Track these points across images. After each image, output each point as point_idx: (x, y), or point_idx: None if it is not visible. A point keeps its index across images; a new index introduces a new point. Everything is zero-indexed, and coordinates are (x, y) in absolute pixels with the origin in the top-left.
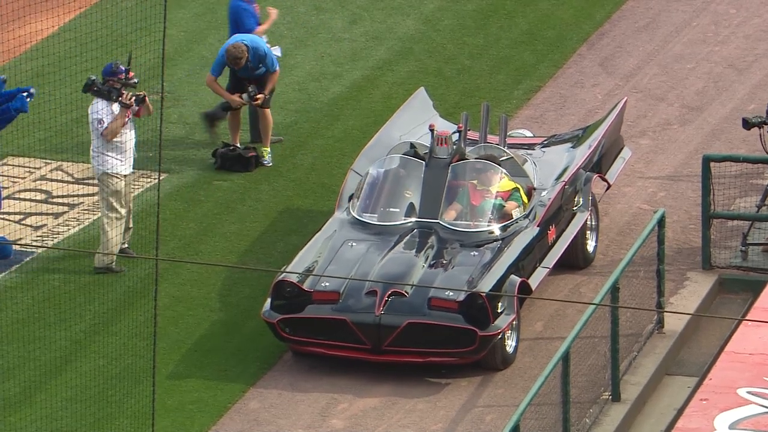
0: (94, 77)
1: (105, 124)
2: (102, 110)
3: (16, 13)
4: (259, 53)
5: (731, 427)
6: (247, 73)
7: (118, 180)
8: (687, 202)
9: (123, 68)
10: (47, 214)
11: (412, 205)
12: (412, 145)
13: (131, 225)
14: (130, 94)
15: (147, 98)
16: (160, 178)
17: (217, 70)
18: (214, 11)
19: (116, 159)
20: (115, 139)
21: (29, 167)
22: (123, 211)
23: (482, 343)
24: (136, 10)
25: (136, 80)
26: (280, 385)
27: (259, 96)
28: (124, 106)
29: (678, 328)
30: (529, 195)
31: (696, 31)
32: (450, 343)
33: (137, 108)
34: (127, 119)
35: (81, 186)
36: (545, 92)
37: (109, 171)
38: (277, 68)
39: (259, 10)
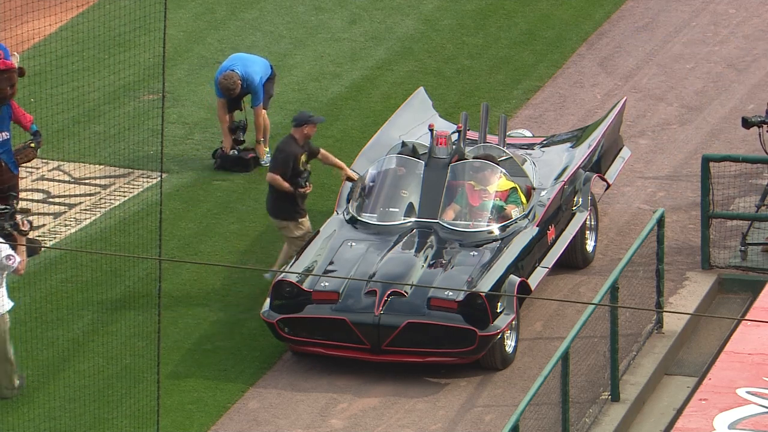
0: None
1: (17, 258)
2: (5, 246)
3: (15, 11)
4: (248, 80)
5: (731, 427)
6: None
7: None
8: (686, 202)
9: None
10: (46, 214)
11: (411, 205)
12: (404, 144)
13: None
14: (24, 219)
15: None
16: (162, 177)
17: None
18: (213, 11)
19: (6, 294)
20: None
21: (28, 167)
22: None
23: (482, 342)
24: (135, 9)
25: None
26: (280, 385)
27: (251, 156)
28: (23, 233)
29: (677, 328)
30: (528, 195)
31: (695, 31)
32: (449, 343)
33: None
34: None
35: (80, 186)
36: (545, 92)
37: (8, 310)
38: (260, 103)
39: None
